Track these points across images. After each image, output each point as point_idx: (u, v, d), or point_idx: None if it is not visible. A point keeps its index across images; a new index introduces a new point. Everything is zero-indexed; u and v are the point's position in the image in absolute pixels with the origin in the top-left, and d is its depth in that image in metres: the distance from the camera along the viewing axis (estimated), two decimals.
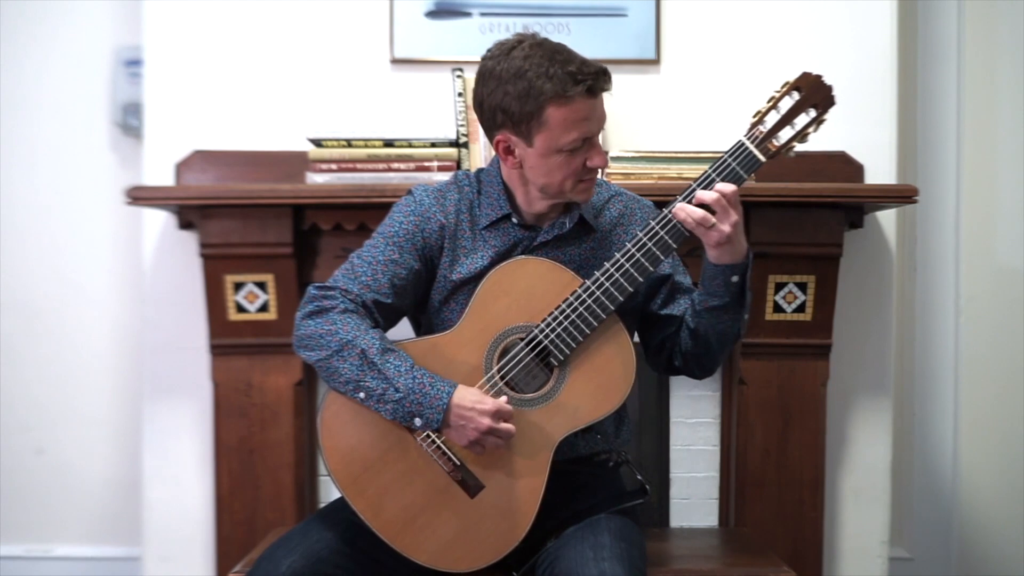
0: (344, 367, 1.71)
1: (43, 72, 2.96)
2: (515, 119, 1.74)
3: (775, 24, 2.64)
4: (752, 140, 1.73)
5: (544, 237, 1.84)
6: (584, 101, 1.72)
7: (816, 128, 1.74)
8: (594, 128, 1.76)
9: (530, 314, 1.75)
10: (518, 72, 1.71)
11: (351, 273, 1.81)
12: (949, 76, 2.95)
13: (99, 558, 2.97)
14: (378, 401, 1.70)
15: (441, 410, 1.68)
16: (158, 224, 2.63)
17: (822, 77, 1.75)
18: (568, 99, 1.70)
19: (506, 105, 1.74)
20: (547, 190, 1.80)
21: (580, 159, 1.76)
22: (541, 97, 1.70)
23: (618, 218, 1.91)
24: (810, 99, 1.74)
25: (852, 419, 2.68)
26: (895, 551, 2.86)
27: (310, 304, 1.78)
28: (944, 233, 2.99)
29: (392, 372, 1.70)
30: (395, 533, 1.73)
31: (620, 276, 1.72)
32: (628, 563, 1.67)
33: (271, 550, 1.73)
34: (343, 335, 1.72)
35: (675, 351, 1.86)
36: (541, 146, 1.74)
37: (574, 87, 1.70)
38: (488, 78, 1.76)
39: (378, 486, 1.73)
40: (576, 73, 1.70)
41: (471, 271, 1.83)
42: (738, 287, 1.75)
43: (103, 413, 2.98)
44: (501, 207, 1.84)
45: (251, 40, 2.63)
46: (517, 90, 1.72)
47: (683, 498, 2.66)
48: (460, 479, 1.74)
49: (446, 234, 1.84)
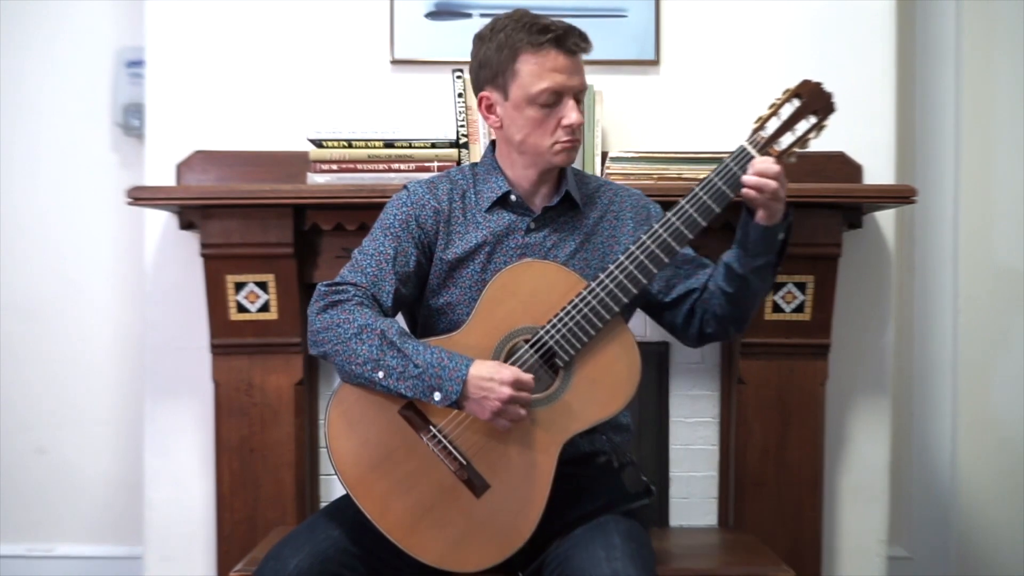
0: (363, 348, 1.73)
1: (44, 73, 2.97)
2: (493, 70, 1.84)
3: (774, 25, 2.65)
4: (754, 145, 1.76)
5: (537, 213, 1.90)
6: (555, 53, 1.80)
7: (817, 134, 1.78)
8: (567, 84, 1.81)
9: (535, 316, 1.77)
10: (498, 28, 1.84)
11: (356, 267, 1.85)
12: (947, 77, 2.96)
13: (100, 557, 2.98)
14: (398, 379, 1.72)
15: (460, 381, 1.69)
16: (159, 224, 2.64)
17: (822, 84, 1.78)
18: (538, 47, 1.79)
19: (485, 58, 1.85)
20: (525, 148, 1.86)
21: (555, 118, 1.82)
22: (514, 46, 1.81)
23: (608, 205, 1.96)
24: (810, 106, 1.77)
25: (851, 419, 2.69)
26: (894, 550, 2.86)
27: (322, 300, 1.81)
28: (943, 233, 2.99)
29: (411, 350, 1.72)
30: (402, 533, 1.73)
31: (624, 278, 1.75)
32: (640, 563, 1.67)
33: (277, 548, 1.73)
34: (361, 321, 1.76)
35: (706, 319, 1.90)
36: (515, 97, 1.83)
37: (544, 36, 1.79)
38: (476, 43, 1.89)
39: (385, 486, 1.74)
40: (549, 26, 1.80)
41: (465, 250, 1.88)
42: (783, 242, 1.82)
43: (104, 413, 2.98)
44: (500, 186, 1.90)
45: (252, 41, 2.64)
46: (496, 43, 1.84)
47: (682, 498, 2.66)
48: (466, 479, 1.74)
49: (440, 219, 1.90)
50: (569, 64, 1.81)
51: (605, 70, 2.61)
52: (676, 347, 2.66)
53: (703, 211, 1.75)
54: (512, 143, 1.88)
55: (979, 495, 2.99)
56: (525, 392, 1.70)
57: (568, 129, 1.83)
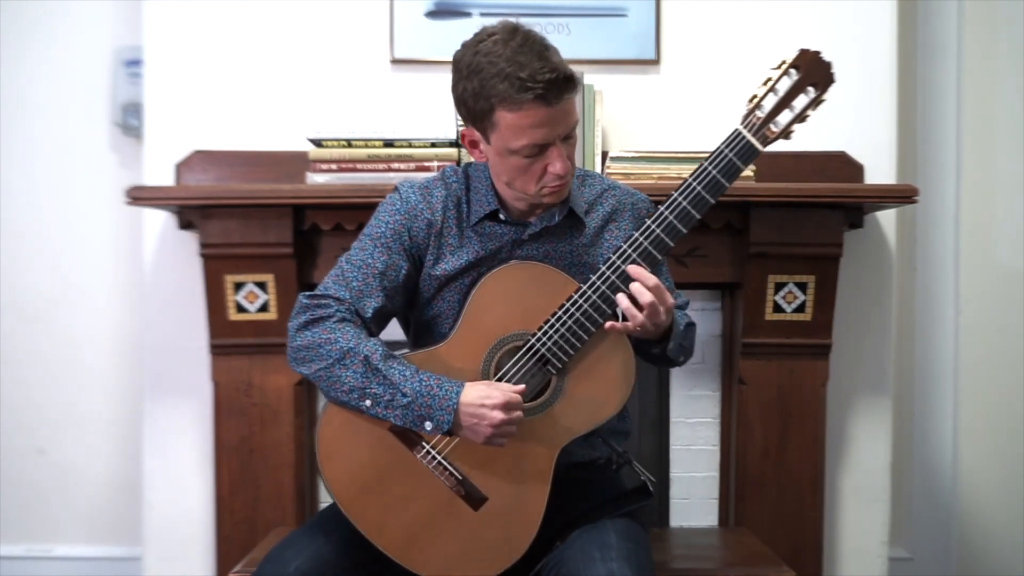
0: (347, 375, 1.68)
1: (43, 72, 2.96)
2: (472, 113, 1.71)
3: (775, 24, 2.64)
4: (749, 128, 1.67)
5: (533, 230, 1.81)
6: (536, 108, 1.64)
7: (815, 108, 1.67)
8: (551, 135, 1.67)
9: (526, 321, 1.72)
10: (475, 69, 1.66)
11: (341, 279, 1.78)
12: (949, 76, 2.95)
13: (99, 558, 2.97)
14: (386, 407, 1.67)
15: (451, 411, 1.65)
16: (158, 224, 2.63)
17: (820, 53, 1.68)
18: (517, 104, 1.63)
19: (464, 100, 1.71)
20: (513, 188, 1.76)
21: (541, 164, 1.70)
22: (492, 99, 1.65)
23: (611, 213, 1.86)
24: (809, 77, 1.66)
25: (852, 419, 2.68)
26: (895, 551, 2.86)
27: (304, 314, 1.74)
28: (944, 233, 2.99)
29: (398, 377, 1.67)
30: (400, 550, 1.71)
31: (616, 278, 1.68)
32: (636, 564, 1.65)
33: (277, 551, 1.71)
34: (343, 343, 1.69)
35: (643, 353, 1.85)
36: (496, 146, 1.71)
37: (522, 94, 1.62)
38: (455, 69, 1.72)
39: (380, 505, 1.71)
40: (527, 80, 1.62)
41: (456, 267, 1.81)
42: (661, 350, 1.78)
43: (103, 413, 2.98)
44: (489, 203, 1.81)
45: (251, 40, 2.63)
46: (472, 87, 1.67)
47: (683, 498, 2.66)
48: (463, 493, 1.72)
49: (432, 231, 1.81)
50: (553, 114, 1.65)
51: (605, 70, 2.60)
52: None
53: (697, 203, 1.67)
54: (499, 179, 1.79)
55: (980, 496, 2.99)
56: (517, 412, 1.67)
57: (554, 176, 1.71)
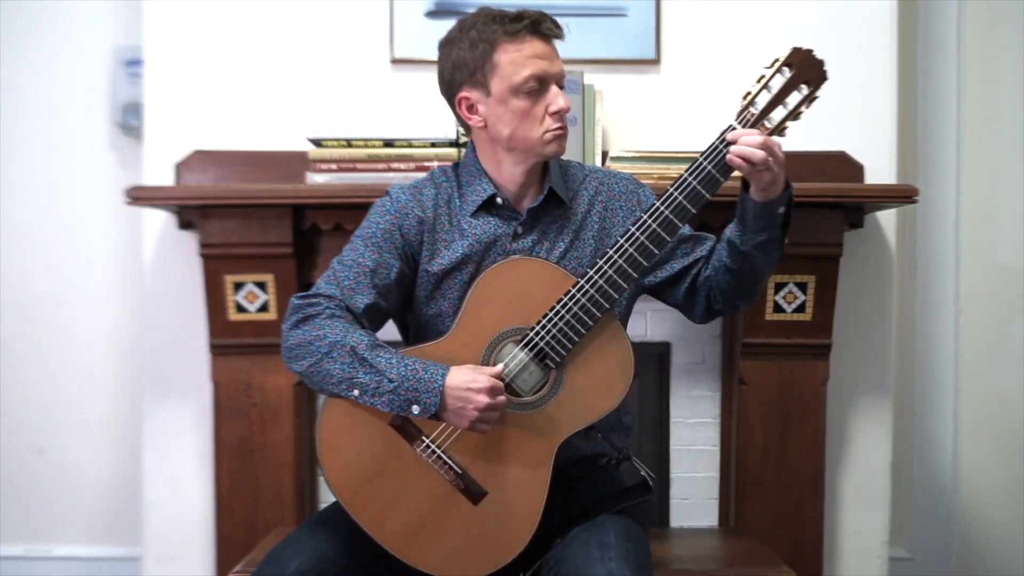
0: (335, 367, 1.70)
1: (43, 72, 2.96)
2: (470, 68, 1.78)
3: (775, 24, 2.64)
4: (743, 124, 1.68)
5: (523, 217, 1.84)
6: (532, 39, 1.77)
7: (808, 105, 1.69)
8: (549, 70, 1.78)
9: (524, 316, 1.73)
10: (467, 26, 1.80)
11: (333, 279, 1.80)
12: (949, 76, 2.95)
13: (99, 558, 2.97)
14: (373, 395, 1.69)
15: (437, 393, 1.66)
16: (158, 224, 2.63)
17: (813, 51, 1.69)
18: (514, 35, 1.76)
19: (459, 59, 1.79)
20: (515, 143, 1.80)
21: (542, 106, 1.78)
22: (490, 39, 1.76)
23: (594, 195, 1.89)
24: (802, 75, 1.68)
25: (852, 419, 2.68)
26: (895, 551, 2.86)
27: (295, 314, 1.76)
28: (944, 233, 2.99)
29: (383, 364, 1.68)
30: (400, 545, 1.71)
31: (614, 273, 1.70)
32: (635, 563, 1.65)
33: (277, 551, 1.71)
34: (331, 337, 1.71)
35: (713, 295, 1.85)
36: (498, 90, 1.78)
37: (519, 24, 1.76)
38: (442, 47, 1.84)
39: (380, 499, 1.71)
40: (520, 14, 1.77)
41: (452, 261, 1.83)
42: (784, 217, 1.75)
43: (103, 413, 2.97)
44: (485, 189, 1.84)
45: (251, 40, 2.63)
46: (468, 40, 1.78)
47: (683, 498, 2.66)
48: (463, 487, 1.72)
49: (425, 228, 1.84)
50: (548, 50, 1.79)
51: (605, 69, 2.60)
52: (677, 347, 2.65)
53: (693, 198, 1.68)
54: (500, 140, 1.82)
55: (981, 496, 2.99)
56: (501, 397, 1.68)
57: (557, 116, 1.78)
